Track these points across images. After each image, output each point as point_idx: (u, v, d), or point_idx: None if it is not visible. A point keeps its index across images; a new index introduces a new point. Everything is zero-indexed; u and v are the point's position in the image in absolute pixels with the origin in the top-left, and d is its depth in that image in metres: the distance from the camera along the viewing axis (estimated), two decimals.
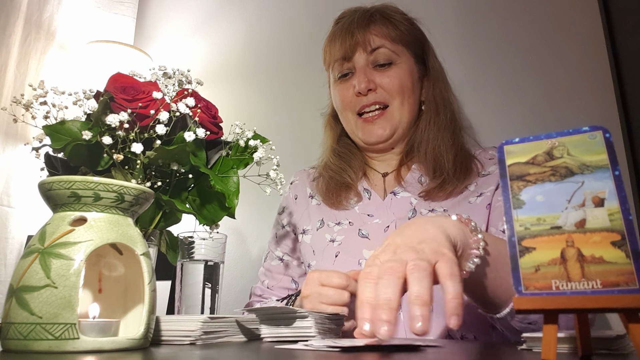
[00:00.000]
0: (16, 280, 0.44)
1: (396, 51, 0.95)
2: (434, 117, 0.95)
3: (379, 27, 0.95)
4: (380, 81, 0.93)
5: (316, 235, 0.96)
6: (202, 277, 0.74)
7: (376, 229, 0.90)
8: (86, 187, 0.47)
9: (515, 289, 0.34)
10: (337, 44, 0.97)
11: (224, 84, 1.62)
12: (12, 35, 1.36)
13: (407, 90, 0.94)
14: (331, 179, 0.98)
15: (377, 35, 0.94)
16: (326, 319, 0.60)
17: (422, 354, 0.45)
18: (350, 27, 0.95)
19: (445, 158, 0.90)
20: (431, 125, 0.94)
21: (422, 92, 0.99)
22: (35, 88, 0.68)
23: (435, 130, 0.93)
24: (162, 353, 0.45)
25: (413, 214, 0.90)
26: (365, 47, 0.94)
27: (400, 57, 0.95)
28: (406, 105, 0.94)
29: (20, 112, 0.71)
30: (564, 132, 0.38)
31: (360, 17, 0.96)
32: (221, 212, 0.72)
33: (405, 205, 0.92)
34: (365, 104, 0.94)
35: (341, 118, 1.01)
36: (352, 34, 0.94)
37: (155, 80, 0.75)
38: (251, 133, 0.75)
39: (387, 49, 0.94)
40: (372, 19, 0.96)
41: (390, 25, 0.95)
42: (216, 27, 1.69)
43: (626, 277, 0.31)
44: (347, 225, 0.93)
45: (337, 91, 0.99)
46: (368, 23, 0.95)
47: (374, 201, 0.95)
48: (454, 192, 0.89)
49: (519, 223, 0.36)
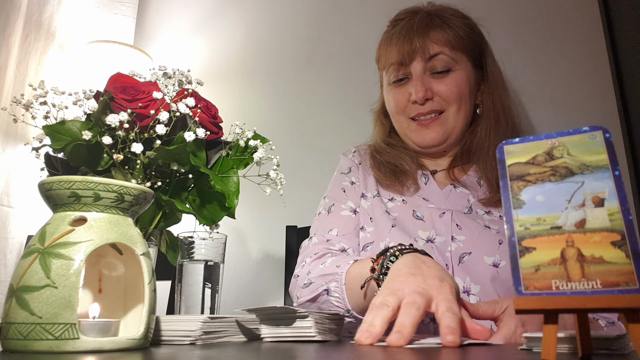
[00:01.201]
0: (16, 280, 0.44)
1: (455, 58, 0.92)
2: (494, 124, 0.94)
3: (438, 33, 0.92)
4: (437, 89, 0.92)
5: (373, 202, 0.95)
6: (202, 277, 0.74)
7: (432, 213, 0.89)
8: (86, 187, 0.47)
9: (515, 289, 0.34)
10: (394, 48, 0.94)
11: (224, 84, 1.63)
12: (12, 35, 1.36)
13: (464, 96, 0.93)
14: (388, 162, 0.98)
15: (436, 43, 0.92)
16: (326, 319, 0.60)
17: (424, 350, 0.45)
18: (410, 32, 0.92)
19: None
20: (491, 133, 0.93)
21: (478, 96, 0.98)
22: (35, 88, 0.68)
23: (496, 138, 0.92)
24: (162, 353, 0.45)
25: (469, 211, 0.90)
26: (424, 54, 0.91)
27: (459, 63, 0.93)
28: (462, 112, 0.93)
29: (20, 112, 0.71)
30: (564, 132, 0.38)
31: (420, 22, 0.93)
32: (221, 212, 0.72)
33: (463, 200, 0.92)
34: (421, 112, 0.93)
35: (393, 120, 1.00)
36: (411, 40, 0.91)
37: (155, 80, 0.75)
38: (251, 133, 0.75)
39: (445, 55, 0.92)
40: (431, 24, 0.93)
41: (450, 31, 0.92)
42: (216, 27, 1.69)
43: (626, 277, 0.31)
44: (401, 203, 0.93)
45: (391, 95, 0.97)
46: (427, 29, 0.92)
47: (430, 187, 0.95)
48: None
49: (519, 223, 0.36)
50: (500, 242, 0.84)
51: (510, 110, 0.97)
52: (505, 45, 1.40)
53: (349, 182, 1.01)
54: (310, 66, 1.58)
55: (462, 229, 0.86)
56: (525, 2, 1.42)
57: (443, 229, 0.86)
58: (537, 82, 1.36)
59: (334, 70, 1.54)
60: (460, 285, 0.82)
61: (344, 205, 0.98)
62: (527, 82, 1.36)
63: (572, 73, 1.34)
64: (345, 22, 1.56)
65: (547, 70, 1.36)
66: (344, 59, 1.53)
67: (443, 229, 0.86)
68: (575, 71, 1.34)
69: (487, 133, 0.94)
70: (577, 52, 1.35)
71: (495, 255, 0.82)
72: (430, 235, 0.87)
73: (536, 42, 1.38)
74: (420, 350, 0.48)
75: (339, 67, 1.53)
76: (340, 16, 1.57)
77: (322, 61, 1.57)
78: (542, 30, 1.38)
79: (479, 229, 0.86)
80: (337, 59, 1.54)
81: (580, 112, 1.31)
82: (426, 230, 0.87)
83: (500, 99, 0.96)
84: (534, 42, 1.38)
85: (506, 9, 1.43)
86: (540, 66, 1.37)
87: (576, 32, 1.36)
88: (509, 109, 0.97)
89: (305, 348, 0.51)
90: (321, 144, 1.48)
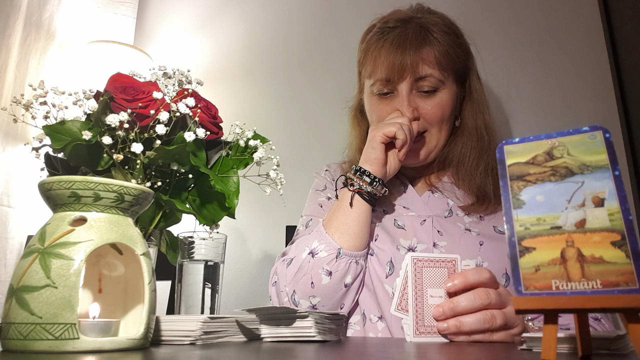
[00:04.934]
0: (16, 280, 0.44)
1: (442, 79, 0.91)
2: (475, 142, 0.94)
3: (430, 50, 0.89)
4: (423, 110, 0.91)
5: None
6: (202, 277, 0.74)
7: (413, 221, 0.90)
8: (86, 187, 0.47)
9: (515, 289, 0.34)
10: (383, 64, 0.90)
11: (224, 84, 1.63)
12: (12, 35, 1.36)
13: (446, 118, 0.93)
14: None
15: (427, 64, 0.89)
16: (326, 319, 0.60)
17: (423, 348, 0.45)
18: (401, 47, 0.89)
19: (486, 183, 0.91)
20: (472, 151, 0.94)
21: (461, 111, 0.98)
22: (35, 88, 0.68)
23: (476, 155, 0.93)
24: (162, 353, 0.45)
25: (449, 214, 0.91)
26: (414, 73, 0.89)
27: (445, 83, 0.92)
28: (444, 131, 0.94)
29: (20, 112, 0.71)
30: (564, 132, 0.38)
31: (414, 35, 0.90)
32: (221, 212, 0.72)
33: (442, 205, 0.93)
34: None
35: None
36: (403, 55, 0.88)
37: (155, 80, 0.75)
38: (251, 133, 0.75)
39: (434, 77, 0.90)
40: (425, 40, 0.90)
41: (441, 50, 0.90)
42: (216, 27, 1.69)
43: (626, 277, 0.31)
44: (382, 213, 0.93)
45: (374, 107, 0.96)
46: (421, 44, 0.89)
47: (409, 195, 0.96)
48: (495, 210, 0.91)
49: (519, 223, 0.36)
50: (481, 244, 0.85)
51: (491, 126, 0.97)
52: (505, 45, 1.40)
53: (325, 197, 1.02)
54: (310, 66, 1.58)
55: (443, 234, 0.87)
56: (525, 2, 1.42)
57: (425, 236, 0.87)
58: (537, 82, 1.36)
59: (334, 70, 1.54)
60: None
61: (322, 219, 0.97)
62: (527, 82, 1.36)
63: (572, 73, 1.34)
64: (345, 22, 1.56)
65: (547, 70, 1.36)
66: (344, 58, 1.53)
67: (425, 236, 0.87)
68: (575, 71, 1.34)
69: (468, 149, 0.94)
70: (577, 52, 1.35)
71: (477, 257, 0.83)
72: (412, 243, 0.87)
73: (536, 42, 1.38)
74: (420, 347, 0.48)
75: (339, 67, 1.53)
76: (340, 16, 1.57)
77: (322, 61, 1.57)
78: (542, 30, 1.38)
79: (459, 233, 0.87)
80: (337, 58, 1.54)
81: (580, 112, 1.31)
82: (408, 239, 0.88)
83: (483, 117, 0.96)
84: (534, 42, 1.38)
85: (506, 9, 1.43)
86: (540, 66, 1.37)
87: (576, 32, 1.36)
88: (491, 125, 0.97)
89: (305, 348, 0.51)
90: (321, 144, 1.48)
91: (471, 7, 1.44)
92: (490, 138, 0.96)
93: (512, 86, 1.37)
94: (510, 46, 1.39)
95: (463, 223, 0.89)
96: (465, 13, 1.43)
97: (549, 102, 1.34)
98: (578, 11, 1.37)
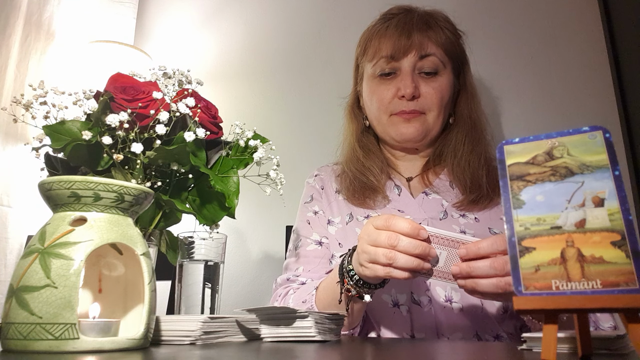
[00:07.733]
0: (16, 280, 0.44)
1: (444, 62, 0.94)
2: (469, 133, 0.96)
3: (436, 33, 0.93)
4: (424, 90, 0.93)
5: (346, 229, 0.95)
6: (202, 277, 0.74)
7: None
8: (86, 187, 0.47)
9: (515, 289, 0.34)
10: (390, 40, 0.93)
11: (224, 84, 1.63)
12: (12, 35, 1.36)
13: (445, 104, 0.95)
14: (355, 178, 0.97)
15: (433, 43, 0.93)
16: (326, 319, 0.60)
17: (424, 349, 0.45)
18: (407, 26, 0.93)
19: (480, 174, 0.92)
20: (466, 140, 0.95)
21: (455, 105, 1.00)
22: (35, 88, 0.68)
23: (470, 146, 0.94)
24: (162, 353, 0.45)
25: (444, 216, 0.91)
26: (420, 50, 0.92)
27: (446, 68, 0.95)
28: (440, 118, 0.95)
29: (20, 112, 0.71)
30: (564, 132, 0.38)
31: (419, 19, 0.94)
32: (221, 212, 0.72)
33: (437, 206, 0.93)
34: (404, 110, 0.93)
35: (372, 115, 1.00)
36: (409, 35, 0.92)
37: (155, 80, 0.74)
38: (251, 133, 0.75)
39: (437, 58, 0.93)
40: (430, 24, 0.94)
41: (445, 35, 0.94)
42: (216, 27, 1.69)
43: (626, 277, 0.31)
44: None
45: (374, 89, 0.97)
46: (427, 27, 0.93)
47: (404, 198, 0.96)
48: (488, 206, 0.91)
49: (519, 223, 0.36)
50: None
51: (483, 120, 1.00)
52: (505, 45, 1.40)
53: (312, 212, 1.02)
54: (310, 66, 1.58)
55: None
56: (525, 2, 1.42)
57: None
58: (536, 82, 1.36)
59: (334, 69, 1.54)
60: (442, 294, 0.82)
61: (310, 239, 0.98)
62: (526, 82, 1.36)
63: (572, 73, 1.34)
64: (345, 22, 1.56)
65: (546, 70, 1.36)
66: (344, 58, 1.53)
67: None
68: (575, 71, 1.34)
69: (462, 140, 0.96)
70: (577, 52, 1.35)
71: None
72: None
73: (536, 42, 1.38)
74: (421, 347, 0.48)
75: (339, 67, 1.53)
76: (340, 16, 1.57)
77: (322, 61, 1.57)
78: (542, 30, 1.38)
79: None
80: (337, 58, 1.54)
81: (580, 112, 1.31)
82: None
83: (476, 110, 0.99)
84: (533, 42, 1.38)
85: (506, 9, 1.43)
86: (540, 66, 1.37)
87: (576, 32, 1.36)
88: (483, 119, 1.00)
89: (305, 348, 0.51)
90: (321, 144, 1.48)
91: (471, 7, 1.44)
92: (483, 131, 0.98)
93: (512, 86, 1.37)
94: (510, 46, 1.39)
95: (458, 225, 0.89)
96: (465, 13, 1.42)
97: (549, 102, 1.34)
98: (578, 11, 1.37)
